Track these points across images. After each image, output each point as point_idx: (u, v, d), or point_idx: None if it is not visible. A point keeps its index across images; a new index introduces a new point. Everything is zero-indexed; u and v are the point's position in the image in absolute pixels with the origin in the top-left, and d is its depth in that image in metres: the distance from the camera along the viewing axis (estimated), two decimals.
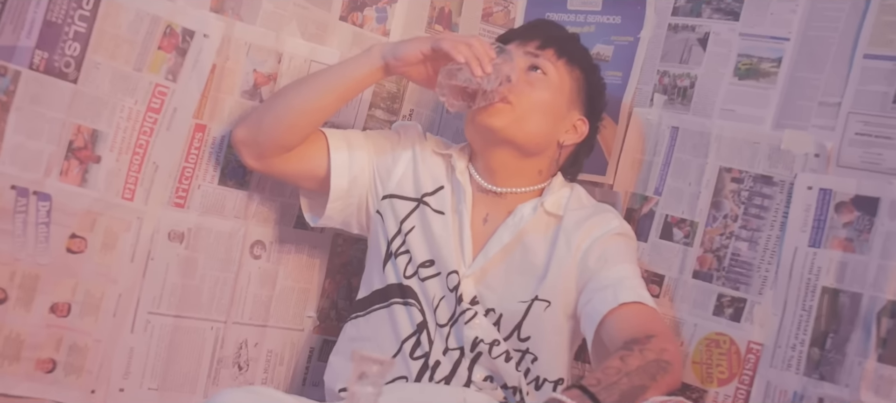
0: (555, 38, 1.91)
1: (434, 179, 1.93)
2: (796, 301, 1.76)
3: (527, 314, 1.81)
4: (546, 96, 1.86)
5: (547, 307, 1.80)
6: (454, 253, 1.86)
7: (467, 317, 1.83)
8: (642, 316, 1.68)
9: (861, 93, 1.77)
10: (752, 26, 1.98)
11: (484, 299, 1.83)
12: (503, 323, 1.82)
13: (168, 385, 1.96)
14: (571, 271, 1.80)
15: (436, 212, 1.89)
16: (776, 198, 1.85)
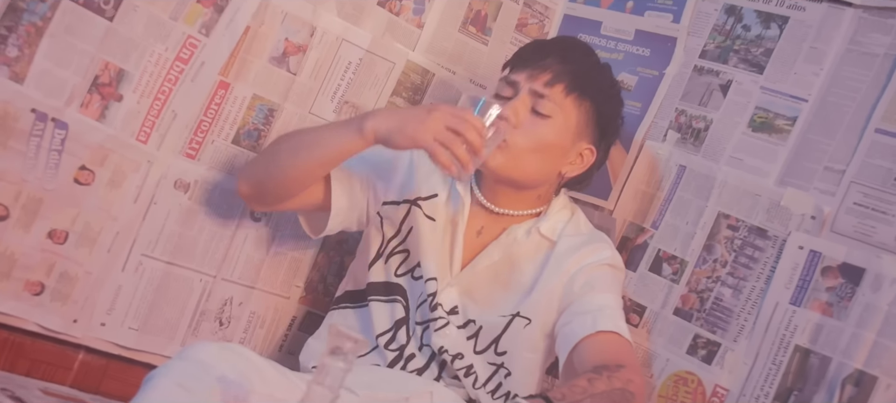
0: (567, 72, 1.80)
1: (430, 185, 1.91)
2: (768, 354, 1.77)
3: (506, 329, 1.82)
4: (548, 137, 1.80)
5: (527, 325, 1.81)
6: (439, 261, 1.86)
7: (438, 325, 1.84)
8: (616, 346, 1.69)
9: (866, 165, 1.78)
10: (774, 82, 1.98)
11: (465, 310, 1.84)
12: (481, 336, 1.83)
13: (148, 328, 1.98)
14: (556, 292, 1.81)
15: (427, 217, 1.89)
16: (767, 252, 1.86)
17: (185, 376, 1.40)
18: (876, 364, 1.63)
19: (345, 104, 2.10)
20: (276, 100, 2.02)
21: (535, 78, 1.79)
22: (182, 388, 1.38)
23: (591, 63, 1.88)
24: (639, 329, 1.96)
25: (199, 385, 1.40)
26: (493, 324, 1.82)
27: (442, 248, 1.88)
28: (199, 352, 1.46)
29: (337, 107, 2.09)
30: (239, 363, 1.49)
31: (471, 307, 1.84)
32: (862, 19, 1.89)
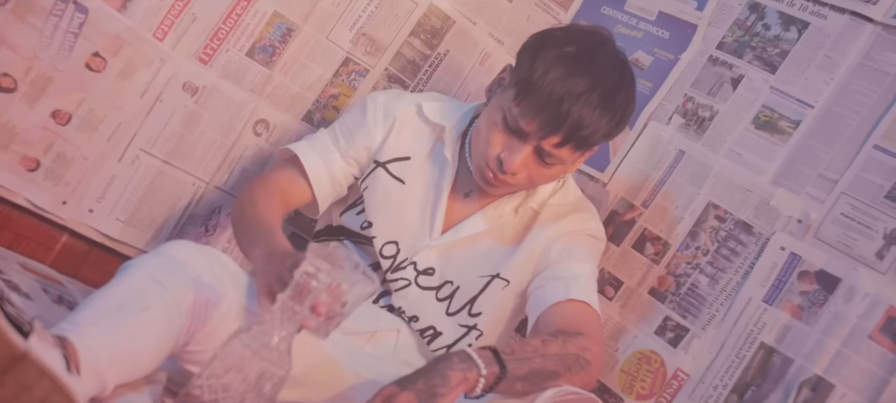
0: (580, 138, 1.65)
1: (402, 147, 1.85)
2: (733, 346, 1.76)
3: (484, 290, 1.79)
4: (549, 176, 1.74)
5: (505, 286, 1.79)
6: (412, 223, 1.82)
7: (398, 286, 1.81)
8: (582, 315, 1.67)
9: (860, 178, 1.76)
10: (784, 83, 1.96)
11: (442, 271, 1.80)
12: (457, 297, 1.80)
13: (135, 221, 1.98)
14: (535, 255, 1.79)
15: (393, 178, 1.84)
16: (749, 247, 1.85)
17: (161, 271, 1.39)
18: (835, 372, 1.63)
19: (362, 35, 2.08)
20: (295, 21, 2.00)
21: (546, 138, 1.64)
22: (155, 282, 1.37)
23: (608, 121, 1.67)
24: (612, 302, 1.95)
25: (172, 282, 1.38)
26: (470, 284, 1.80)
27: (422, 211, 1.83)
28: (178, 250, 1.45)
29: (354, 38, 2.07)
30: (216, 267, 1.48)
31: (448, 268, 1.80)
32: (880, 37, 1.86)
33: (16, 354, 1.04)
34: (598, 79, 1.62)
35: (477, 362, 1.41)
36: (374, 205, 1.83)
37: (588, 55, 1.64)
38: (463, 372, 1.39)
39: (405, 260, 1.80)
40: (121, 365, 1.28)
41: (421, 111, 1.87)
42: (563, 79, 1.60)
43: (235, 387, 1.26)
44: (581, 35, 1.70)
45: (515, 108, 1.64)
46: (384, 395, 1.34)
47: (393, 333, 1.78)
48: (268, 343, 1.27)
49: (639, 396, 1.84)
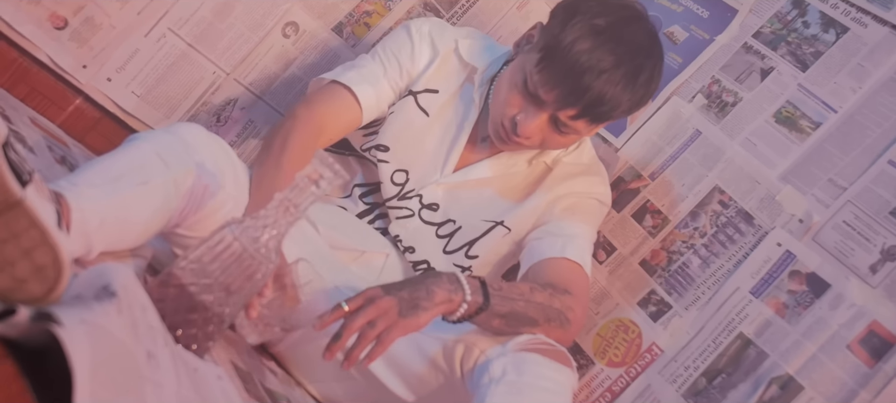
0: (598, 113, 1.63)
1: (437, 81, 1.82)
2: (712, 331, 1.74)
3: (485, 234, 1.78)
4: (562, 143, 1.73)
5: (506, 234, 1.77)
6: (423, 156, 1.80)
7: (401, 214, 1.79)
8: (573, 275, 1.66)
9: (868, 190, 1.72)
10: (812, 83, 1.91)
11: (447, 209, 1.79)
12: (457, 236, 1.78)
13: (150, 98, 1.97)
14: (540, 208, 1.77)
15: (419, 108, 1.80)
16: (747, 238, 1.81)
17: (167, 149, 1.37)
18: (807, 375, 1.60)
19: None
20: None
21: (562, 109, 1.61)
22: (159, 158, 1.35)
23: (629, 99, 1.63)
24: (602, 266, 1.93)
25: (176, 162, 1.36)
26: (473, 227, 1.78)
27: (438, 146, 1.80)
28: (187, 132, 1.43)
29: None
30: (221, 157, 1.46)
31: (453, 207, 1.79)
32: None
33: (11, 200, 1.03)
34: (624, 56, 1.58)
35: (464, 287, 1.40)
36: (393, 131, 1.80)
37: (618, 30, 1.59)
38: (448, 293, 1.39)
39: (412, 190, 1.79)
40: (110, 233, 1.27)
41: (457, 47, 1.84)
42: (589, 52, 1.56)
43: (217, 275, 1.25)
44: (614, 7, 1.63)
45: (537, 75, 1.61)
46: (367, 295, 1.34)
47: (381, 256, 1.77)
48: (257, 238, 1.26)
49: (610, 362, 1.82)
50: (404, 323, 1.34)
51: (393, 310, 1.34)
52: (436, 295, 1.38)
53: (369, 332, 1.32)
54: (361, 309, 1.33)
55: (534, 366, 1.41)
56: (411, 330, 1.36)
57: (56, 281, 1.03)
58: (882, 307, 1.61)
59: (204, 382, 1.18)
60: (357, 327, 1.32)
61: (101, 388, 0.88)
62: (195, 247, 1.27)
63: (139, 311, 1.09)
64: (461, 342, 1.48)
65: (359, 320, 1.32)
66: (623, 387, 1.79)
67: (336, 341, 1.32)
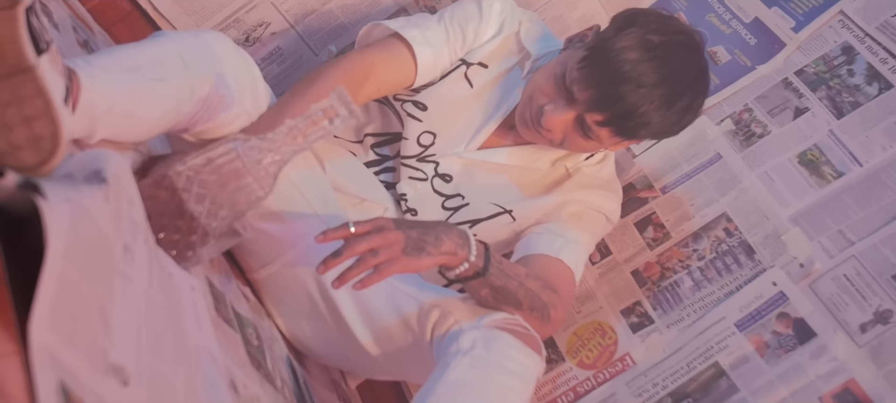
0: (625, 128, 1.65)
1: (490, 57, 1.85)
2: (688, 355, 1.79)
3: (491, 218, 1.81)
4: (592, 147, 1.75)
5: (510, 223, 1.81)
6: (457, 127, 1.83)
7: (415, 174, 1.82)
8: (563, 278, 1.69)
9: (875, 249, 1.77)
10: (844, 132, 1.95)
11: (459, 183, 1.81)
12: (462, 212, 1.81)
13: (185, 2, 2.02)
14: (548, 208, 1.80)
15: (466, 79, 1.84)
16: (744, 270, 1.86)
17: (190, 52, 1.38)
18: None
19: None
20: None
21: (591, 112, 1.64)
22: (180, 59, 1.36)
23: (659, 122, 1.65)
24: (593, 267, 1.97)
25: (196, 66, 1.37)
26: (480, 208, 1.80)
27: (471, 121, 1.84)
28: (214, 40, 1.44)
29: None
30: (243, 72, 1.48)
31: (466, 184, 1.81)
32: None
33: (23, 65, 1.04)
34: (668, 78, 1.59)
35: (472, 247, 1.44)
36: (437, 95, 1.83)
37: (669, 52, 1.61)
38: (456, 246, 1.43)
39: (433, 155, 1.82)
40: (116, 122, 1.27)
41: (520, 30, 1.87)
42: (634, 63, 1.58)
43: (211, 188, 1.27)
44: (673, 29, 1.65)
45: (576, 71, 1.63)
46: (377, 223, 1.38)
47: (379, 209, 1.80)
48: (260, 160, 1.28)
49: (581, 363, 1.87)
50: (406, 261, 1.38)
51: (399, 245, 1.38)
52: (443, 244, 1.41)
53: (370, 259, 1.36)
54: (368, 234, 1.36)
55: (503, 346, 1.45)
56: (411, 270, 1.40)
57: (50, 155, 1.05)
58: (863, 367, 1.66)
59: (175, 289, 1.21)
60: (360, 250, 1.36)
61: (71, 268, 0.90)
62: (195, 155, 1.29)
63: (126, 203, 1.12)
64: (438, 307, 1.52)
65: (363, 244, 1.36)
66: (588, 390, 1.84)
67: (334, 258, 1.36)
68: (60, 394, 0.79)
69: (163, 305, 1.12)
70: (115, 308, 0.97)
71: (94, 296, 0.92)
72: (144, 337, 1.01)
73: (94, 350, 0.88)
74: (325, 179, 1.72)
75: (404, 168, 1.82)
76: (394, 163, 1.85)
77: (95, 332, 0.90)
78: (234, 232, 1.39)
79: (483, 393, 1.42)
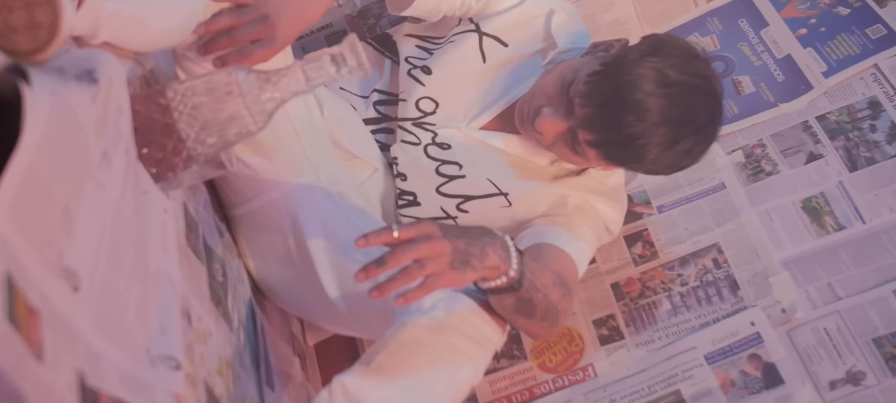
0: (613, 155, 1.64)
1: (511, 35, 1.85)
2: (650, 378, 1.82)
3: (485, 196, 1.82)
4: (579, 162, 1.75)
5: (505, 206, 1.82)
6: (459, 99, 1.83)
7: (408, 138, 1.83)
8: (571, 275, 1.71)
9: (861, 308, 1.81)
10: (853, 187, 1.99)
11: (457, 154, 1.82)
12: (456, 183, 1.82)
13: None
14: (548, 200, 1.81)
15: (480, 51, 1.84)
16: (725, 305, 1.90)
17: None
18: None
19: None
20: None
21: (585, 129, 1.62)
22: None
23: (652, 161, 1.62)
24: None
25: None
26: (476, 184, 1.82)
27: (479, 98, 1.84)
28: None
29: None
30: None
31: (465, 156, 1.82)
32: None
33: None
34: (674, 119, 1.57)
35: (512, 262, 1.42)
36: (445, 61, 1.85)
37: (683, 92, 1.58)
38: (500, 260, 1.40)
39: (433, 124, 1.83)
40: (121, 27, 1.29)
41: (550, 14, 1.87)
42: (644, 93, 1.55)
43: (204, 113, 1.28)
44: (694, 69, 1.60)
45: (583, 84, 1.61)
46: (423, 230, 1.32)
47: (369, 169, 1.84)
48: (258, 95, 1.29)
49: (542, 365, 1.90)
50: (452, 275, 1.34)
51: (446, 258, 1.33)
52: (488, 258, 1.38)
53: (416, 271, 1.31)
54: (414, 241, 1.31)
55: (465, 311, 1.45)
56: (455, 285, 1.37)
57: (45, 44, 1.07)
58: None
59: (147, 207, 1.23)
60: (406, 259, 1.30)
61: (43, 161, 0.90)
62: (195, 77, 1.31)
63: (114, 110, 1.14)
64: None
65: (410, 254, 1.30)
66: (544, 393, 1.87)
67: (377, 266, 1.30)
68: (5, 286, 0.79)
69: (131, 220, 1.14)
70: (81, 212, 0.98)
71: (61, 195, 0.94)
72: (105, 248, 1.02)
73: (51, 248, 0.89)
74: (322, 127, 1.75)
75: (400, 131, 1.84)
76: (392, 124, 1.88)
77: (55, 231, 0.91)
78: (219, 162, 1.39)
79: (436, 353, 1.44)
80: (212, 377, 1.30)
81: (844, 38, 2.26)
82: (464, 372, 1.49)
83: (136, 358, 1.02)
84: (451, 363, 1.48)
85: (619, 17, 2.38)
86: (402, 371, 1.42)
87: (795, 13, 2.36)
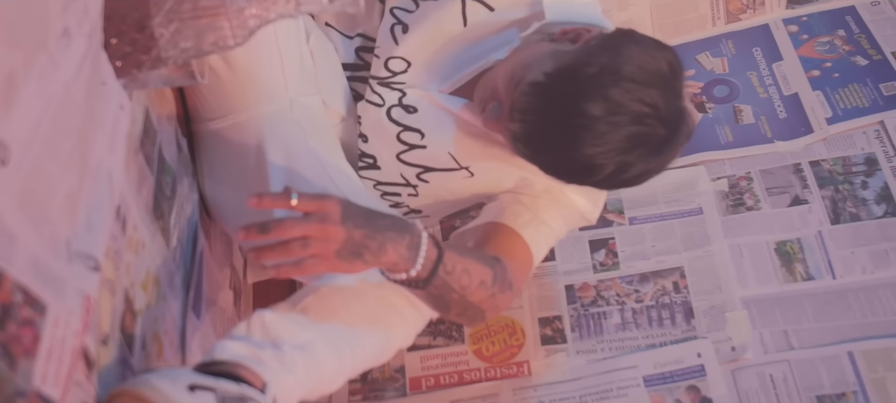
0: (541, 163, 1.59)
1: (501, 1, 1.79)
2: (584, 388, 1.85)
3: (445, 170, 1.80)
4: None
5: (468, 177, 1.81)
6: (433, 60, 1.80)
7: (372, 98, 1.81)
8: (522, 264, 1.71)
9: (811, 362, 1.84)
10: (832, 239, 2.03)
11: (421, 120, 1.78)
12: (417, 153, 1.80)
13: None
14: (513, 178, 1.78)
15: (462, 14, 1.79)
16: (676, 329, 1.94)
17: None
18: None
19: None
20: None
21: (517, 143, 1.57)
22: None
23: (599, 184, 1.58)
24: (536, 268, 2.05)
25: None
26: (437, 156, 1.79)
27: (453, 60, 1.79)
28: None
29: None
30: None
31: (429, 123, 1.78)
32: None
33: None
34: (617, 148, 1.48)
35: (418, 263, 1.42)
36: (425, 21, 1.81)
37: (632, 120, 1.47)
38: (399, 259, 1.41)
39: (402, 84, 1.80)
40: None
41: None
42: (588, 119, 1.46)
43: (183, 15, 1.28)
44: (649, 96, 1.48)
45: (521, 96, 1.54)
46: (322, 207, 1.34)
47: (336, 116, 1.84)
48: (243, 9, 1.28)
49: (478, 352, 1.94)
50: (336, 263, 1.36)
51: (334, 244, 1.34)
52: (386, 255, 1.39)
53: (297, 249, 1.33)
54: (308, 217, 1.33)
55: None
56: (339, 271, 1.39)
57: None
58: None
59: (102, 99, 1.23)
60: (292, 234, 1.33)
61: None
62: None
63: None
64: None
65: (297, 230, 1.32)
66: (472, 380, 1.91)
67: (261, 232, 1.32)
68: None
69: (79, 107, 1.14)
70: (26, 83, 0.99)
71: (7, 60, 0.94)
72: (44, 128, 1.03)
73: None
74: (308, 57, 1.77)
75: (368, 89, 1.83)
76: (368, 74, 1.86)
77: None
78: (189, 71, 1.39)
79: (368, 306, 1.47)
80: (134, 289, 1.32)
81: (856, 89, 2.29)
82: (394, 332, 1.53)
83: (53, 249, 1.02)
84: (383, 320, 1.52)
85: (633, 18, 2.41)
86: (329, 317, 1.45)
87: (812, 53, 2.40)
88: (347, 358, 1.48)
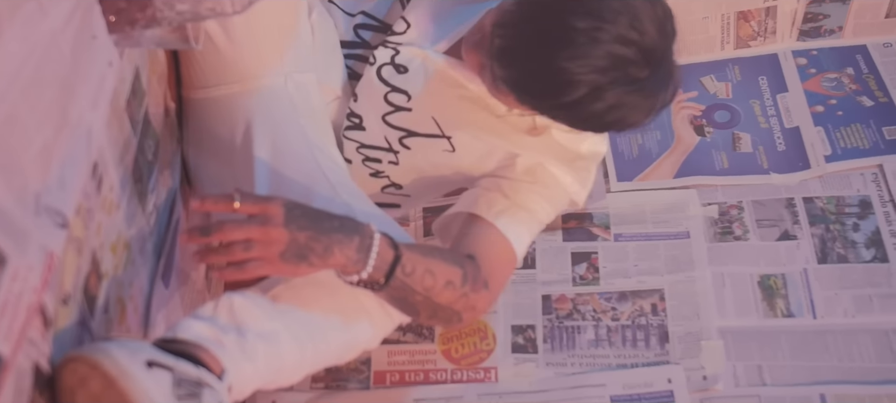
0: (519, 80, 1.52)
1: None
2: (549, 401, 1.88)
3: (427, 136, 1.80)
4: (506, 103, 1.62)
5: (448, 151, 1.80)
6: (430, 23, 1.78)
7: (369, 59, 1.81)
8: (500, 261, 1.70)
9: (782, 400, 1.86)
10: (816, 278, 2.05)
11: (409, 82, 1.77)
12: (402, 115, 1.79)
13: None
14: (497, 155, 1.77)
15: None
16: (650, 352, 1.95)
17: None
18: None
19: None
20: None
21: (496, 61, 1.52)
22: None
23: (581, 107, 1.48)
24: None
25: None
26: (421, 121, 1.78)
27: (449, 19, 1.78)
28: None
29: None
30: None
31: (417, 87, 1.77)
32: None
33: None
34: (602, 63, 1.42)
35: (368, 265, 1.43)
36: None
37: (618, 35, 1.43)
38: (348, 261, 1.41)
39: (398, 43, 1.79)
40: None
41: None
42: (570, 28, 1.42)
43: None
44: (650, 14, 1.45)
45: (501, 13, 1.53)
46: (265, 209, 1.36)
47: (331, 94, 1.84)
48: None
49: (447, 353, 1.95)
50: (280, 266, 1.37)
51: (277, 247, 1.36)
52: (333, 257, 1.40)
53: (238, 252, 1.35)
54: (250, 219, 1.36)
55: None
56: (285, 275, 1.41)
57: None
58: None
59: (90, 53, 1.24)
60: (233, 237, 1.35)
61: None
62: None
63: None
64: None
65: (239, 233, 1.35)
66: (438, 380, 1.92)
67: (202, 235, 1.36)
68: None
69: (65, 58, 1.15)
70: (10, 28, 0.99)
71: None
72: (25, 75, 1.03)
73: None
74: (308, 32, 1.78)
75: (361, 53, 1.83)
76: (366, 52, 1.85)
77: None
78: (184, 35, 1.40)
79: (337, 302, 1.48)
80: (103, 250, 1.32)
81: (858, 129, 2.31)
82: (360, 331, 1.54)
83: (21, 201, 1.03)
84: (351, 317, 1.53)
85: None
86: (298, 309, 1.46)
87: (818, 88, 2.42)
88: (309, 353, 1.50)
